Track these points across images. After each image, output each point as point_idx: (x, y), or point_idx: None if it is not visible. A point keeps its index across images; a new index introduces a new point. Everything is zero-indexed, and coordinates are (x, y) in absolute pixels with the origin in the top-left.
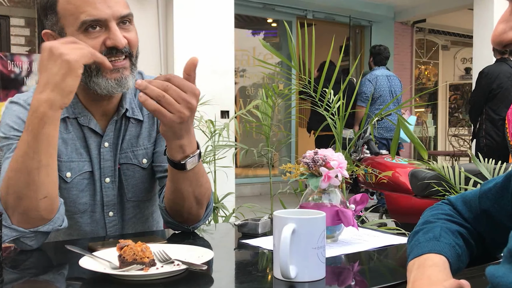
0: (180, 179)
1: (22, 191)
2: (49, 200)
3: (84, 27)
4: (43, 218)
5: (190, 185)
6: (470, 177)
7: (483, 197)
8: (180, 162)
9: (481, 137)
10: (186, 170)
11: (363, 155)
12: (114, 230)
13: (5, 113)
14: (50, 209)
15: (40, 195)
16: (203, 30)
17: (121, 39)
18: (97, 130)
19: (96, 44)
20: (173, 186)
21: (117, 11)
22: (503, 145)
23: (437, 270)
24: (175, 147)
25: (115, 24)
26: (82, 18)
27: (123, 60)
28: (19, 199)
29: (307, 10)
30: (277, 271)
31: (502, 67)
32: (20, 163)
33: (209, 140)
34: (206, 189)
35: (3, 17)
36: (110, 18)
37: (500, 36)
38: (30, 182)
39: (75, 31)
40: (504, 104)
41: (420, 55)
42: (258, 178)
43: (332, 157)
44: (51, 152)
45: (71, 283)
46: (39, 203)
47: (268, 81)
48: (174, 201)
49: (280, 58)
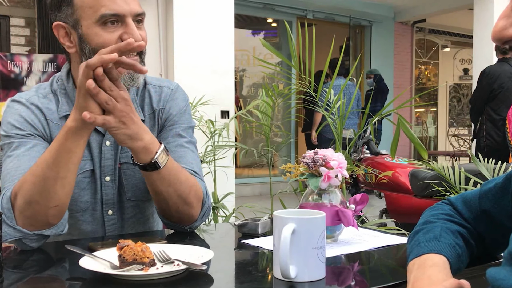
0: (157, 181)
1: (34, 197)
2: (59, 208)
3: (103, 20)
4: (49, 224)
5: (169, 185)
6: (470, 177)
7: (483, 197)
8: (151, 161)
9: (482, 137)
10: (160, 168)
11: (363, 155)
12: (113, 229)
13: (6, 112)
14: (58, 216)
15: (51, 203)
16: (203, 30)
17: (138, 35)
18: (99, 128)
19: (112, 38)
20: (151, 189)
21: (134, 8)
22: (503, 145)
23: (437, 270)
24: (136, 151)
25: (131, 20)
26: (102, 11)
27: (135, 56)
28: (29, 203)
29: (307, 10)
30: (277, 271)
31: (504, 67)
32: (39, 169)
33: (209, 140)
34: (188, 187)
35: (3, 17)
36: (128, 14)
37: (501, 33)
38: (44, 190)
39: (93, 23)
40: (505, 104)
41: (420, 55)
42: (258, 178)
43: (332, 157)
44: (69, 167)
45: (71, 283)
46: (48, 211)
47: (268, 81)
48: (159, 203)
49: (280, 57)
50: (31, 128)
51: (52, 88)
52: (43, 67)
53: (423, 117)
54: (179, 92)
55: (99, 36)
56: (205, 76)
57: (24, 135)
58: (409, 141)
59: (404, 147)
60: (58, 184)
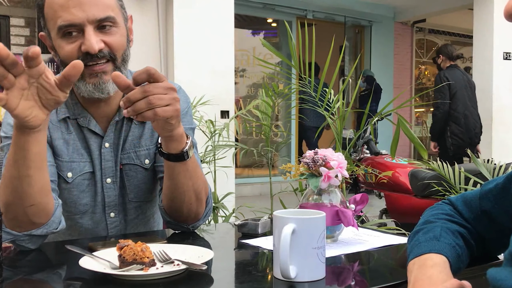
0: (181, 173)
1: (8, 198)
2: (36, 208)
3: (62, 31)
4: (33, 223)
5: (190, 178)
6: (470, 177)
7: (484, 197)
8: (183, 150)
9: (447, 137)
10: (187, 160)
11: (363, 155)
12: (116, 231)
13: (7, 113)
14: (41, 215)
15: (26, 203)
16: (203, 30)
17: (93, 44)
18: (97, 131)
19: (73, 49)
20: (172, 182)
21: (92, 15)
22: (466, 141)
23: (438, 271)
24: (175, 138)
25: (90, 29)
26: (58, 23)
27: (103, 65)
28: (7, 205)
29: (307, 10)
30: (277, 271)
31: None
32: (5, 170)
33: (209, 140)
34: (203, 182)
35: (3, 17)
36: (85, 22)
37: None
38: (13, 191)
39: (56, 35)
40: (461, 102)
41: (420, 55)
42: (258, 178)
43: (332, 157)
44: (28, 164)
45: (71, 283)
46: (26, 210)
47: (268, 81)
48: (174, 198)
49: (280, 57)
50: None
51: None
52: None
53: (423, 117)
54: (180, 93)
55: (61, 48)
56: (205, 76)
57: None
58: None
59: (404, 147)
60: (24, 183)
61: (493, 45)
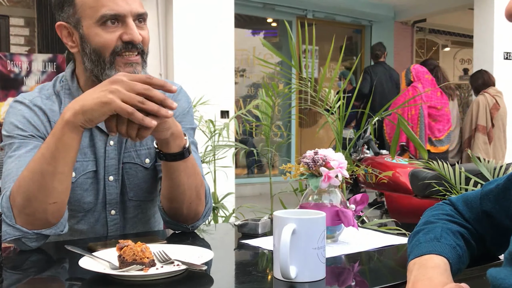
0: (182, 172)
1: (33, 193)
2: (58, 205)
3: (103, 20)
4: (48, 222)
5: (190, 175)
6: (471, 177)
7: (485, 198)
8: (184, 147)
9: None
10: (187, 157)
11: (363, 155)
12: (116, 229)
13: (9, 112)
14: (57, 215)
15: (50, 199)
16: (203, 30)
17: (137, 34)
18: (103, 128)
19: (112, 38)
20: (173, 182)
21: (135, 8)
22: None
23: (439, 272)
24: (176, 136)
25: (132, 20)
26: (102, 11)
27: (136, 56)
28: (28, 200)
29: (307, 10)
30: (277, 271)
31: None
32: (37, 165)
33: (209, 140)
34: (200, 180)
35: (2, 17)
36: (128, 14)
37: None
38: (42, 186)
39: (93, 23)
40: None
41: (421, 55)
42: (258, 178)
43: (332, 157)
44: (67, 161)
45: (71, 283)
46: (48, 207)
47: (268, 81)
48: (174, 198)
49: (280, 57)
50: (33, 130)
51: (55, 89)
52: (42, 67)
53: None
54: (182, 93)
55: (99, 36)
56: (205, 76)
57: (26, 136)
58: None
59: None
60: (56, 179)
61: (494, 45)
